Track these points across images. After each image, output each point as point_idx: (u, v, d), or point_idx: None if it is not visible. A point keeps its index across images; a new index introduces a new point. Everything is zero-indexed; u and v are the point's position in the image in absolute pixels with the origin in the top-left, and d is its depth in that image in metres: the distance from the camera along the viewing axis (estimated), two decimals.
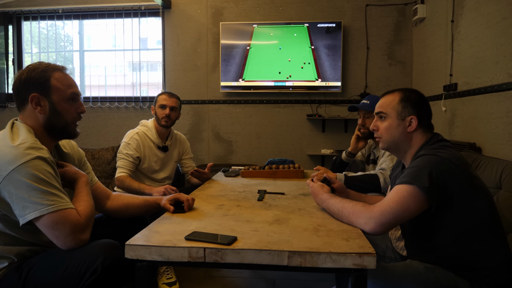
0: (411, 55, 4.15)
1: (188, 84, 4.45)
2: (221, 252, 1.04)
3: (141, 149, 2.21)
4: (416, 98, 1.40)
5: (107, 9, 4.39)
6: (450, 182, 1.22)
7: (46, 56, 4.55)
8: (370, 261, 1.00)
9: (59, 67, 1.33)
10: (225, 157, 4.48)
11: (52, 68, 1.31)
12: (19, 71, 1.31)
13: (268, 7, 4.29)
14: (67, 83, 1.32)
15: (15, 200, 1.11)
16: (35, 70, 1.28)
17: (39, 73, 1.28)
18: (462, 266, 1.27)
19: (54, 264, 1.15)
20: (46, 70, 1.29)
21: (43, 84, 1.28)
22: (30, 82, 1.27)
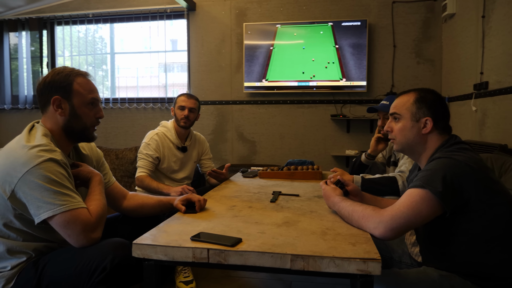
0: (440, 52, 3.99)
1: (212, 84, 4.50)
2: (224, 253, 1.05)
3: (161, 150, 2.26)
4: (432, 98, 1.34)
5: (134, 13, 4.52)
6: (466, 186, 1.16)
7: (77, 59, 4.74)
8: (374, 267, 0.97)
9: (82, 73, 1.38)
10: (248, 158, 4.49)
11: (76, 73, 1.36)
12: (44, 76, 1.36)
13: (292, 6, 4.26)
14: (89, 88, 1.37)
15: (30, 200, 1.16)
16: (60, 74, 1.33)
17: (63, 77, 1.33)
18: (481, 275, 1.20)
19: (66, 261, 1.20)
20: (70, 74, 1.34)
21: (66, 87, 1.33)
22: (54, 85, 1.32)
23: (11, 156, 1.21)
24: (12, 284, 1.22)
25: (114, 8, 4.56)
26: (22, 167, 1.16)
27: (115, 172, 2.74)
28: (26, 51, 4.65)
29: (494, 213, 1.19)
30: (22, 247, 1.25)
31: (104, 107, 4.68)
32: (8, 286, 1.22)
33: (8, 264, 1.24)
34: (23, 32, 4.64)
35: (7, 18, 4.65)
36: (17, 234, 1.25)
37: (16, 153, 1.21)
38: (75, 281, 1.16)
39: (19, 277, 1.23)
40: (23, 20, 4.63)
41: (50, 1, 4.53)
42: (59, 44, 4.71)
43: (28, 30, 4.62)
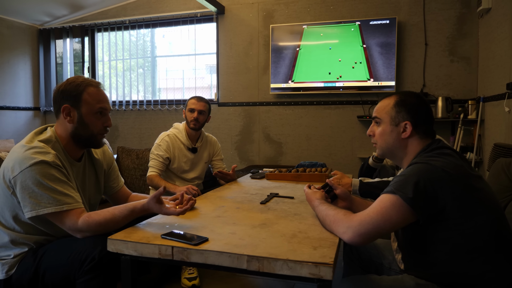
0: (476, 50, 3.76)
1: (240, 86, 4.57)
2: (187, 251, 1.09)
3: (171, 150, 2.36)
4: (413, 102, 1.29)
5: (167, 18, 4.71)
6: (441, 193, 1.11)
7: (115, 64, 5.04)
8: (326, 271, 0.97)
9: (94, 83, 1.46)
10: (275, 159, 4.52)
11: (87, 83, 1.44)
12: (60, 83, 1.47)
13: (319, 7, 4.23)
14: (97, 98, 1.45)
15: (20, 198, 1.29)
16: (71, 84, 1.43)
17: (74, 87, 1.42)
18: (461, 286, 1.15)
19: (61, 251, 1.32)
20: (81, 84, 1.43)
21: (76, 97, 1.42)
22: (65, 94, 1.42)
23: (13, 154, 1.34)
24: (14, 270, 1.36)
25: (149, 14, 4.79)
26: (18, 167, 1.29)
27: (134, 171, 2.89)
28: (69, 56, 5.02)
29: (475, 222, 1.13)
30: (24, 239, 1.38)
31: (138, 109, 4.94)
32: (10, 272, 1.36)
33: (12, 253, 1.38)
34: (68, 39, 5.01)
35: (53, 26, 5.05)
36: (21, 227, 1.38)
37: (16, 152, 1.34)
38: (68, 269, 1.27)
39: (20, 264, 1.36)
40: (68, 28, 5.00)
41: (91, 10, 4.86)
42: (99, 49, 5.04)
43: (72, 37, 4.99)
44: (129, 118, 5.02)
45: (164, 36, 4.96)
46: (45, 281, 1.32)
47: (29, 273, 1.33)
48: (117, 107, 4.99)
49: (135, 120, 4.99)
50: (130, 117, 5.02)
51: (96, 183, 1.59)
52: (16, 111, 4.85)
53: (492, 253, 1.13)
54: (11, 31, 4.85)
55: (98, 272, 1.24)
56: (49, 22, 5.07)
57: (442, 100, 3.71)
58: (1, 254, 1.38)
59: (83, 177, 1.52)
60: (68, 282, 1.29)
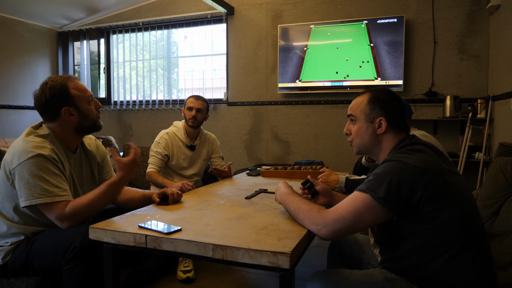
0: (487, 48, 3.68)
1: (249, 86, 4.63)
2: (159, 240, 1.16)
3: (170, 148, 2.44)
4: (385, 97, 1.31)
5: (179, 20, 4.83)
6: (414, 189, 1.12)
7: (129, 64, 5.19)
8: (284, 260, 1.02)
9: (69, 77, 1.54)
10: (283, 158, 4.55)
11: (66, 79, 1.52)
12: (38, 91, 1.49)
13: (327, 6, 4.24)
14: (82, 88, 1.56)
15: (17, 188, 1.39)
16: (55, 87, 1.48)
17: (59, 88, 1.48)
18: (427, 279, 1.17)
19: (48, 240, 1.41)
20: (63, 83, 1.50)
21: (67, 96, 1.49)
22: (57, 98, 1.48)
23: (13, 148, 1.45)
24: (9, 257, 1.47)
25: (161, 16, 4.91)
26: (17, 159, 1.39)
27: (139, 168, 3.00)
28: (86, 58, 5.21)
29: (445, 217, 1.14)
30: (22, 229, 1.48)
31: (151, 108, 5.07)
32: (6, 258, 1.47)
33: (9, 240, 1.48)
34: (85, 41, 5.21)
35: (71, 29, 5.26)
36: (20, 217, 1.47)
37: (16, 145, 1.44)
38: (53, 257, 1.37)
39: (15, 251, 1.47)
40: (84, 31, 5.20)
41: (107, 13, 5.03)
42: (114, 50, 5.21)
43: (88, 40, 5.18)
44: (142, 117, 5.16)
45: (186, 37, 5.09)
46: (34, 267, 1.42)
47: (21, 260, 1.44)
48: (131, 106, 5.15)
49: (148, 119, 5.13)
50: (143, 116, 5.16)
51: (91, 174, 1.69)
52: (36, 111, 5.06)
53: (460, 249, 1.14)
54: (31, 34, 5.08)
55: (81, 261, 1.32)
56: (67, 25, 5.28)
57: (450, 99, 3.65)
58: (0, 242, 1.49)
59: (80, 167, 1.62)
60: (55, 269, 1.38)
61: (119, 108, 5.22)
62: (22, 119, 5.01)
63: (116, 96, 5.21)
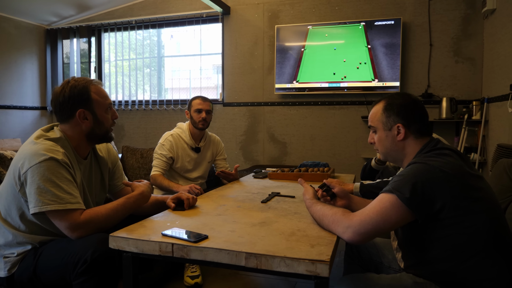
0: (481, 51, 3.75)
1: (245, 86, 4.60)
2: (186, 248, 1.12)
3: (175, 150, 2.38)
4: (400, 103, 1.30)
5: (173, 18, 4.75)
6: (438, 192, 1.12)
7: (121, 63, 5.09)
8: (322, 268, 0.99)
9: (94, 81, 1.49)
10: (279, 158, 4.53)
11: (89, 82, 1.47)
12: (58, 88, 1.46)
13: (324, 7, 4.23)
14: (104, 95, 1.50)
15: (28, 194, 1.31)
16: (76, 87, 1.44)
17: (81, 90, 1.44)
18: (457, 284, 1.16)
19: (57, 252, 1.33)
20: (85, 85, 1.45)
21: (87, 99, 1.44)
22: (75, 99, 1.43)
23: (23, 151, 1.37)
24: (16, 268, 1.38)
25: (155, 14, 4.83)
26: (27, 163, 1.31)
27: (139, 171, 2.93)
28: (76, 56, 5.08)
29: (472, 222, 1.14)
30: (29, 238, 1.40)
31: (144, 109, 4.98)
32: (12, 270, 1.38)
33: (15, 251, 1.40)
34: (74, 39, 5.07)
35: (61, 26, 5.12)
36: (27, 225, 1.39)
37: (26, 149, 1.36)
38: (62, 271, 1.29)
39: (22, 262, 1.38)
40: (74, 28, 5.06)
41: (98, 10, 4.91)
42: (106, 49, 5.09)
43: (78, 37, 5.05)
44: (135, 117, 5.06)
45: (172, 36, 5.00)
46: (42, 280, 1.34)
47: (29, 272, 1.35)
48: (123, 106, 5.04)
49: (140, 120, 5.04)
50: (136, 116, 5.06)
51: (101, 181, 1.62)
52: (23, 110, 4.91)
53: (489, 253, 1.14)
54: (19, 31, 4.92)
55: (92, 274, 1.25)
56: (56, 22, 5.13)
57: (446, 100, 3.70)
58: (5, 252, 1.40)
59: (89, 174, 1.55)
60: (65, 283, 1.31)
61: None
62: (9, 120, 4.83)
63: None
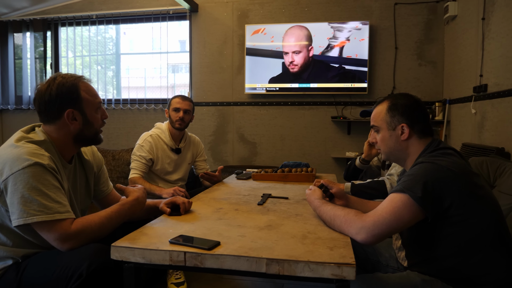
0: (442, 54, 3.96)
1: (214, 86, 4.51)
2: (201, 256, 1.05)
3: (154, 151, 2.27)
4: (404, 104, 1.33)
5: (137, 14, 4.55)
6: (447, 191, 1.15)
7: (81, 60, 4.79)
8: (349, 272, 0.97)
9: (82, 78, 1.36)
10: (249, 159, 4.50)
11: (78, 79, 1.33)
12: (43, 86, 1.29)
13: (294, 8, 4.26)
14: (93, 93, 1.37)
15: (9, 203, 1.17)
16: (65, 85, 1.30)
17: (69, 88, 1.30)
18: (463, 280, 1.19)
19: (45, 266, 1.20)
20: (74, 83, 1.31)
21: (76, 98, 1.30)
22: (63, 98, 1.28)
23: (2, 156, 1.21)
24: None
25: (117, 9, 4.59)
26: (8, 169, 1.17)
27: (111, 173, 2.76)
28: (30, 51, 4.71)
29: (478, 219, 1.18)
30: (10, 252, 1.25)
31: (106, 108, 4.73)
32: None
33: None
34: (27, 33, 4.70)
35: (11, 19, 4.72)
36: (8, 237, 1.25)
37: (5, 153, 1.21)
38: (54, 286, 1.15)
39: (1, 280, 1.23)
40: (28, 21, 4.69)
41: (54, 3, 4.59)
42: (63, 45, 4.77)
43: (32, 31, 4.69)
44: None
45: (125, 33, 4.77)
46: None
47: None
48: None
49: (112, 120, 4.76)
50: None
51: (86, 186, 1.49)
52: None
53: (495, 248, 1.18)
54: None
55: None
56: (6, 14, 4.72)
57: None
58: None
59: (74, 179, 1.41)
60: None
61: None
62: None
63: None
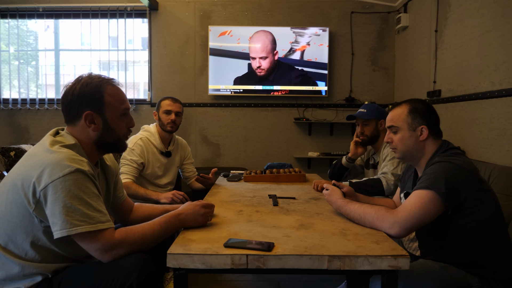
0: (393, 61, 4.32)
1: (175, 86, 4.42)
2: (263, 258, 1.08)
3: (145, 155, 2.20)
4: (424, 108, 1.49)
5: (91, 9, 4.29)
6: (463, 187, 1.31)
7: (16, 55, 4.39)
8: (404, 262, 1.07)
9: (111, 81, 1.29)
10: (212, 160, 4.49)
11: (105, 82, 1.27)
12: (68, 84, 1.25)
13: (256, 11, 4.34)
14: (120, 98, 1.30)
15: (49, 214, 1.09)
16: (89, 85, 1.23)
17: (93, 89, 1.23)
18: (473, 264, 1.36)
19: (85, 279, 1.13)
20: (100, 85, 1.25)
21: (98, 100, 1.24)
22: (84, 99, 1.22)
23: (37, 161, 1.13)
24: None
25: (68, 3, 4.29)
26: (47, 177, 1.08)
27: None
28: None
29: (485, 210, 1.36)
30: (39, 268, 1.16)
31: (56, 108, 4.39)
32: None
33: (21, 285, 1.14)
34: None
35: None
36: (38, 252, 1.15)
37: (41, 159, 1.12)
38: None
39: None
40: None
41: None
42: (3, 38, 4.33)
43: None
44: (43, 118, 4.42)
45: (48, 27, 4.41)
46: None
47: None
48: (28, 105, 4.36)
49: (50, 121, 4.42)
50: (44, 116, 4.42)
51: (107, 192, 1.42)
52: None
53: (497, 235, 1.38)
54: None
55: None
56: None
57: None
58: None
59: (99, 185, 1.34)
60: None
61: (11, 108, 4.36)
62: None
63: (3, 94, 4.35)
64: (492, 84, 2.50)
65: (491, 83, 2.50)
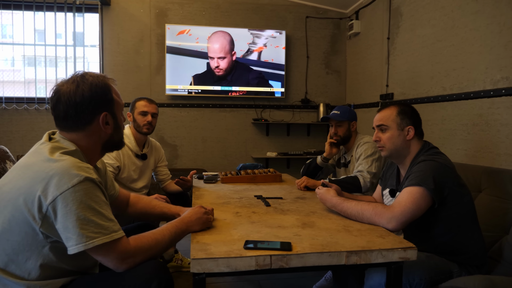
0: (345, 65, 4.57)
1: (130, 86, 4.25)
2: (286, 258, 1.11)
3: (121, 158, 2.10)
4: (411, 110, 1.63)
5: (35, 1, 3.95)
6: (446, 183, 1.46)
7: None
8: (412, 253, 1.17)
9: (108, 77, 1.25)
10: (170, 161, 4.37)
11: (107, 79, 1.22)
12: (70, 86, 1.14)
13: (214, 11, 4.32)
14: (119, 94, 1.27)
15: (61, 228, 1.01)
16: (98, 85, 1.16)
17: (103, 88, 1.17)
18: (452, 252, 1.52)
19: None
20: (106, 83, 1.20)
21: (110, 100, 1.19)
22: (97, 100, 1.15)
23: (36, 174, 1.03)
24: None
25: None
26: (55, 189, 1.00)
27: None
28: None
29: (463, 203, 1.52)
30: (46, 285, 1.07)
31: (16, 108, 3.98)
32: None
33: None
34: None
35: None
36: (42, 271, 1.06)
37: (41, 170, 1.03)
38: None
39: None
40: None
41: None
42: None
43: None
44: None
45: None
46: None
47: None
48: None
49: None
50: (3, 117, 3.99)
51: None
52: None
53: (471, 225, 1.55)
54: None
55: None
56: None
57: (323, 105, 4.36)
58: None
59: None
60: None
61: None
62: None
63: None
64: (443, 88, 2.76)
65: (442, 87, 2.77)
